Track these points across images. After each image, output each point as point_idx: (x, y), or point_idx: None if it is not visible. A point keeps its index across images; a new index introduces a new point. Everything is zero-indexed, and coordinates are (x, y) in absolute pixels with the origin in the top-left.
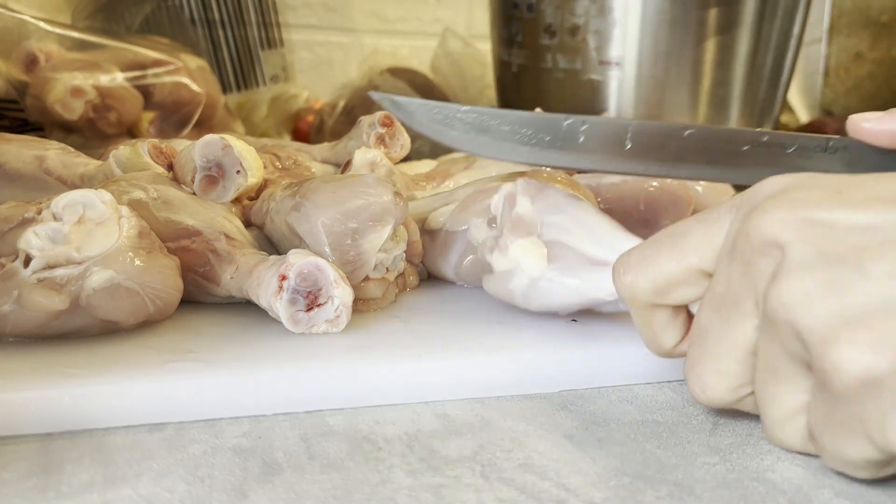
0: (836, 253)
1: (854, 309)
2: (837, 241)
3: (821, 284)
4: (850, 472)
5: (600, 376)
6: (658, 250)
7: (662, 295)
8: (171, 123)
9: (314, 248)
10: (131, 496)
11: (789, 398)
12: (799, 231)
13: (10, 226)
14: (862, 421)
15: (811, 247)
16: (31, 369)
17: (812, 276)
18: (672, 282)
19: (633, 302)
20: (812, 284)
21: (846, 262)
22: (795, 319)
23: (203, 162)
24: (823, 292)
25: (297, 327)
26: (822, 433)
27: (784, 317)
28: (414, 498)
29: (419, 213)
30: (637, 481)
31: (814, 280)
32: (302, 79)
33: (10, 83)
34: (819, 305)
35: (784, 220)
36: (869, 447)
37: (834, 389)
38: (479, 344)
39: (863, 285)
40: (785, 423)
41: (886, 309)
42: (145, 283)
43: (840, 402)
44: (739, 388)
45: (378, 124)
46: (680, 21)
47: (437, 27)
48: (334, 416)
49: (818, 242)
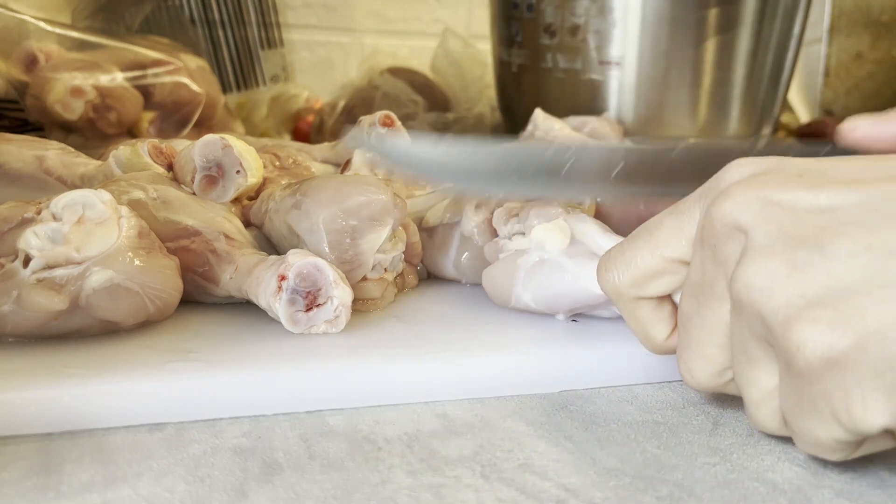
0: (797, 234)
1: (815, 290)
2: (799, 222)
3: (782, 266)
4: (822, 454)
5: (600, 376)
6: (635, 245)
7: (642, 287)
8: (171, 123)
9: (313, 246)
10: (131, 496)
11: (764, 379)
12: (761, 214)
13: (9, 226)
14: (826, 400)
15: (773, 229)
16: (31, 369)
17: (774, 258)
18: (649, 274)
19: (617, 297)
20: (774, 267)
21: (807, 243)
22: (759, 302)
23: (203, 162)
24: (785, 274)
25: (296, 327)
26: (791, 415)
27: (748, 300)
28: (414, 498)
29: (417, 212)
30: (637, 481)
31: (776, 262)
32: (302, 79)
33: (10, 83)
34: (781, 288)
35: (746, 204)
36: (836, 427)
37: (798, 370)
38: (479, 344)
39: (823, 266)
40: (761, 405)
41: (846, 288)
42: (145, 284)
43: (805, 383)
44: (724, 371)
45: (378, 124)
46: (680, 21)
47: (437, 27)
48: (334, 416)
49: (780, 224)
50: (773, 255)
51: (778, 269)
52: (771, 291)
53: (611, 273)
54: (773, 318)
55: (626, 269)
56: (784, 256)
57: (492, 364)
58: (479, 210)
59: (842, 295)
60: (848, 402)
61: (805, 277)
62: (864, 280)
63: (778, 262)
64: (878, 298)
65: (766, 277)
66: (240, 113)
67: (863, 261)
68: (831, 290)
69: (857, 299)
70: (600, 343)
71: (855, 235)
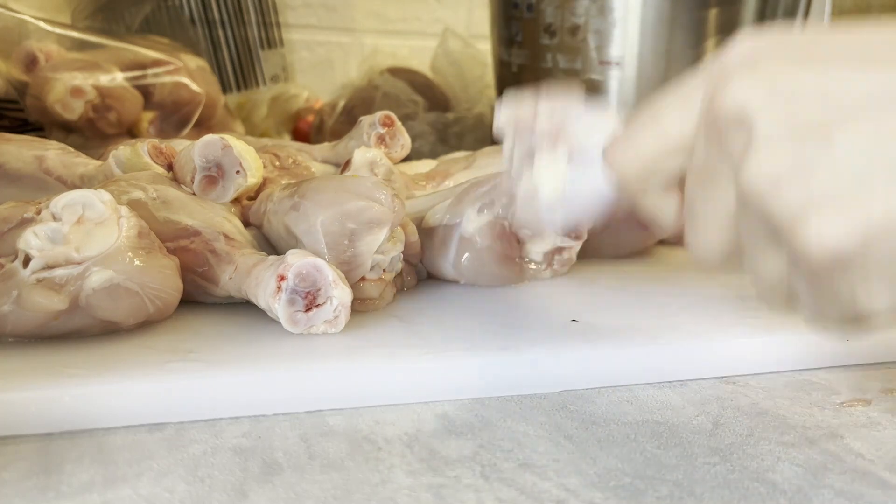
0: (803, 125)
1: (822, 188)
2: (804, 111)
3: (788, 162)
4: (833, 331)
5: (600, 376)
6: (640, 130)
7: (651, 172)
8: (171, 123)
9: (311, 247)
10: (131, 496)
11: (772, 265)
12: (765, 102)
13: (9, 226)
14: (834, 293)
15: (778, 119)
16: (31, 369)
17: (779, 153)
18: (657, 158)
19: (626, 185)
20: (780, 162)
21: (813, 135)
22: (765, 199)
23: (203, 162)
24: (791, 171)
25: (295, 328)
26: (798, 299)
27: (755, 195)
28: (414, 498)
29: (417, 213)
30: (637, 481)
31: (781, 157)
32: (302, 79)
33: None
34: (787, 185)
35: (750, 91)
36: (842, 313)
37: (805, 267)
38: (479, 344)
39: (830, 160)
40: (768, 287)
41: (852, 182)
42: (145, 284)
43: (812, 277)
44: (729, 252)
45: (378, 124)
46: (680, 21)
47: (437, 27)
48: (334, 416)
49: (785, 114)
50: (779, 150)
51: (784, 166)
52: (777, 189)
53: (618, 164)
54: (779, 216)
55: (634, 160)
56: (790, 151)
57: (492, 364)
58: (480, 213)
59: (848, 190)
60: (854, 298)
61: (811, 174)
62: (871, 173)
63: (784, 158)
64: (884, 193)
65: (772, 174)
66: (240, 113)
67: (870, 152)
68: (837, 185)
69: (863, 194)
70: (600, 343)
71: (862, 125)
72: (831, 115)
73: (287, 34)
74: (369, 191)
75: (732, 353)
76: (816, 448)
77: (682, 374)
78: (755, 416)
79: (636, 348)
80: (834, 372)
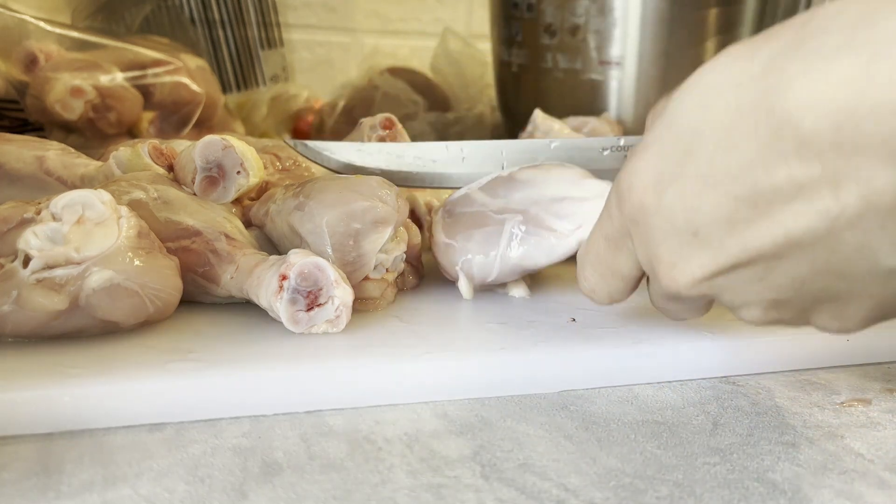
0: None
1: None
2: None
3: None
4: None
5: (600, 376)
6: (605, 280)
7: (633, 290)
8: (171, 123)
9: (316, 247)
10: (131, 496)
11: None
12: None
13: (9, 226)
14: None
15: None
16: (31, 369)
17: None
18: (633, 286)
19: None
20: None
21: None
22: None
23: (203, 163)
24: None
25: (297, 327)
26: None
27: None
28: (414, 498)
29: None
30: (637, 481)
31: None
32: (302, 79)
33: (10, 83)
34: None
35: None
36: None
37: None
38: (479, 344)
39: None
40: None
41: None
42: (145, 284)
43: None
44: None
45: (379, 126)
46: (680, 21)
47: (437, 27)
48: (334, 416)
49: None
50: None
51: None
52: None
53: (604, 302)
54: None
55: (604, 293)
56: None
57: (492, 364)
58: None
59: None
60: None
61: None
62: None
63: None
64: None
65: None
66: (240, 113)
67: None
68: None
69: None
70: (600, 343)
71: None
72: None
73: (287, 34)
74: (374, 190)
75: (732, 353)
76: (816, 448)
77: (682, 374)
78: (755, 416)
79: (636, 348)
80: (834, 372)
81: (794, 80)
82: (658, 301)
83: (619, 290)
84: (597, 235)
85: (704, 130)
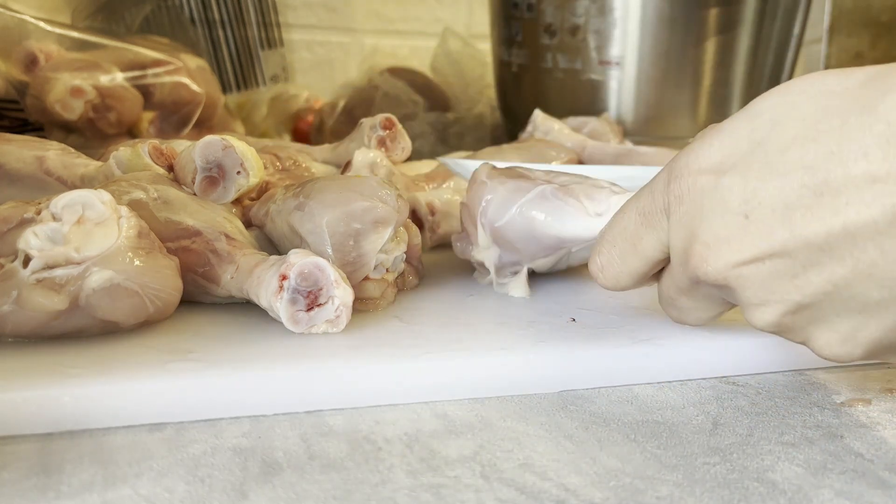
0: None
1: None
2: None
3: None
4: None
5: (600, 376)
6: (622, 260)
7: (642, 280)
8: (171, 123)
9: (316, 247)
10: (131, 496)
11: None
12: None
13: (9, 226)
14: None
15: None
16: (31, 369)
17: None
18: (646, 272)
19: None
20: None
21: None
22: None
23: (203, 163)
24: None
25: (297, 327)
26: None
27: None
28: (414, 498)
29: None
30: (637, 481)
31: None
32: (302, 79)
33: (10, 83)
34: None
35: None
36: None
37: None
38: (479, 344)
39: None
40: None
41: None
42: (144, 284)
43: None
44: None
45: (379, 127)
46: (680, 21)
47: (437, 27)
48: (334, 416)
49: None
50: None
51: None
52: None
53: (609, 280)
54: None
55: (623, 277)
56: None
57: (492, 364)
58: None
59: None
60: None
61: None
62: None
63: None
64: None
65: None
66: (240, 113)
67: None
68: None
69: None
70: (600, 343)
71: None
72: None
73: (287, 34)
74: (374, 190)
75: (732, 353)
76: (816, 448)
77: (682, 374)
78: (755, 416)
79: (636, 348)
80: (834, 372)
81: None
82: (671, 292)
83: (631, 272)
84: (630, 209)
85: (786, 123)
